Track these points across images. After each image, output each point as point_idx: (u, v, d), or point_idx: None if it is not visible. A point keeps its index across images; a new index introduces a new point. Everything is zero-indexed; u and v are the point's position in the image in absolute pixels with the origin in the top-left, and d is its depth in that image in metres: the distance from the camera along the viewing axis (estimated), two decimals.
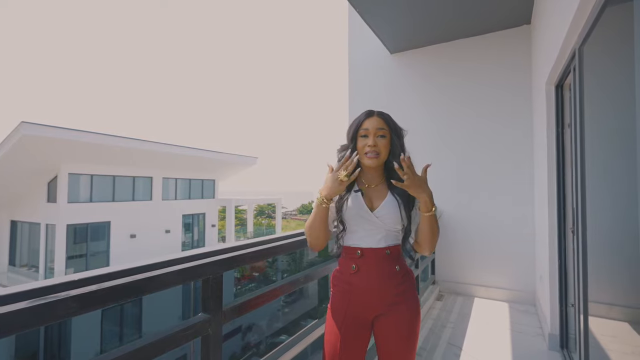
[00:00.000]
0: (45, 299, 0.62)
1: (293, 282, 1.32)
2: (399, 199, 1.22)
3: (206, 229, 18.40)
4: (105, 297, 0.70)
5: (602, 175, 1.72)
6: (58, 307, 0.63)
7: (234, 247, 1.12)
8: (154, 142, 14.84)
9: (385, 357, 1.21)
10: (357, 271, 1.21)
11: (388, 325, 1.20)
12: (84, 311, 0.67)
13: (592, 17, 1.55)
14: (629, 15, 1.14)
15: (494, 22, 3.69)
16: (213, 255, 1.01)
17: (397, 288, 1.21)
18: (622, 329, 1.66)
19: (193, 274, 0.91)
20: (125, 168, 14.91)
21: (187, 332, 0.90)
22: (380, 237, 1.22)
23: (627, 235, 1.37)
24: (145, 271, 0.83)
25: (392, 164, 1.20)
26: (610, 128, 1.66)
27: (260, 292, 1.18)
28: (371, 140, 1.21)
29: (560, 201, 2.53)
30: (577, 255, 1.98)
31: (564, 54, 2.08)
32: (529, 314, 3.28)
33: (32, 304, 0.60)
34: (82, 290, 0.67)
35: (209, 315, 0.96)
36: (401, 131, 1.30)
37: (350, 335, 1.19)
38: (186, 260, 0.94)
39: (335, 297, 1.25)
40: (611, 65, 1.62)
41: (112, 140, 13.26)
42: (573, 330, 2.37)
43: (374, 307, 1.20)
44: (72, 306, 0.65)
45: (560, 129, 2.56)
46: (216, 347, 0.97)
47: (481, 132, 3.87)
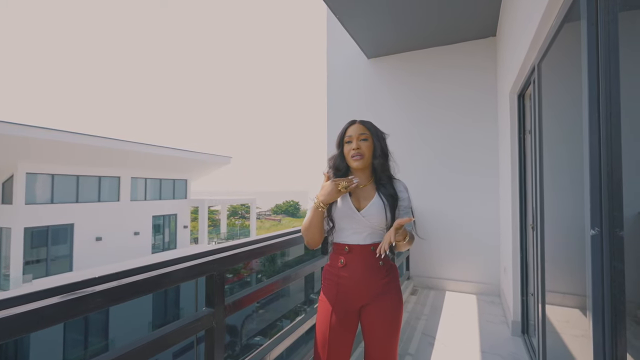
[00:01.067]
0: (74, 294, 0.67)
1: (286, 278, 1.40)
2: (385, 200, 1.35)
3: (178, 230, 17.88)
4: (126, 292, 0.76)
5: (558, 176, 1.94)
6: (87, 301, 0.68)
7: (235, 246, 1.18)
8: (122, 141, 14.21)
9: (371, 342, 1.34)
10: (344, 265, 1.33)
11: (374, 314, 1.33)
12: (109, 305, 0.73)
13: (548, 38, 1.76)
14: (579, 36, 1.33)
15: (463, 33, 3.94)
16: (216, 253, 1.07)
17: (382, 280, 1.35)
18: (573, 315, 1.89)
19: (200, 270, 0.97)
20: (90, 167, 14.17)
21: (195, 325, 0.96)
22: (366, 234, 1.34)
23: (578, 231, 1.57)
24: (158, 268, 0.89)
25: (379, 166, 1.38)
26: (564, 135, 1.88)
27: (258, 287, 1.26)
28: (354, 144, 1.36)
29: (522, 200, 2.78)
30: (536, 249, 2.21)
31: (525, 68, 2.31)
32: (494, 304, 3.55)
33: (64, 298, 0.65)
34: (106, 286, 0.73)
35: (213, 309, 1.02)
36: (382, 134, 1.46)
37: (339, 322, 1.30)
38: (192, 258, 1.00)
39: (325, 288, 1.36)
40: (565, 78, 1.83)
41: (75, 137, 12.55)
42: (532, 317, 2.62)
43: (361, 298, 1.33)
44: (98, 300, 0.70)
45: (522, 134, 2.81)
46: (220, 340, 1.04)
47: (452, 135, 4.13)
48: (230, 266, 1.07)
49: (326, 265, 1.41)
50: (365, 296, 1.33)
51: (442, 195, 4.13)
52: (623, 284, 1.13)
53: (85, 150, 13.07)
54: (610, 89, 1.15)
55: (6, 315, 0.57)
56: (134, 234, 15.55)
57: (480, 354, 2.51)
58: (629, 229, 1.12)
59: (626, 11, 1.16)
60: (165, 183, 17.60)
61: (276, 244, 1.32)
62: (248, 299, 1.19)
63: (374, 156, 1.39)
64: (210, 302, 1.04)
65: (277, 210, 62.65)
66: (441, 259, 4.10)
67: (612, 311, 1.15)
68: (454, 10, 3.43)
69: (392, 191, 1.39)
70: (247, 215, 44.67)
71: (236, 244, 1.19)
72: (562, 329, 1.99)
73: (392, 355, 1.34)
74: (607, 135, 1.16)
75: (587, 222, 1.25)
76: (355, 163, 1.35)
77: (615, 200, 1.14)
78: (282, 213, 61.26)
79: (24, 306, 0.61)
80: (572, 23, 1.48)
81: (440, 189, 4.14)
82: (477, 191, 3.96)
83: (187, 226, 18.31)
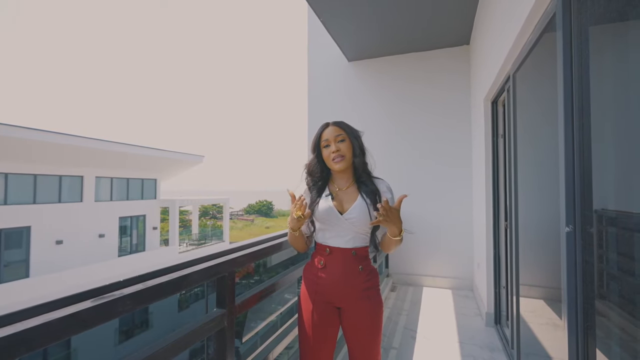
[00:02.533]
0: (105, 297, 0.68)
1: (285, 279, 1.43)
2: (368, 198, 1.35)
3: (147, 231, 17.13)
4: (152, 294, 0.76)
5: (530, 178, 2.11)
6: (118, 304, 0.68)
7: (243, 246, 1.20)
8: (85, 138, 13.35)
9: (353, 345, 1.35)
10: (324, 267, 1.33)
11: (354, 318, 1.33)
12: (136, 307, 0.73)
13: (523, 52, 1.92)
14: (552, 50, 1.48)
15: (438, 41, 4.14)
16: (227, 254, 1.09)
17: (362, 285, 1.34)
18: (538, 305, 2.07)
19: (215, 271, 0.99)
20: (49, 166, 13.23)
21: (208, 326, 0.98)
22: (349, 238, 1.34)
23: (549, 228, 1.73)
24: (174, 271, 0.89)
25: (359, 164, 1.39)
26: (537, 139, 2.05)
27: (262, 287, 1.28)
28: (333, 147, 1.35)
29: (495, 200, 2.98)
30: (511, 245, 2.39)
31: (500, 78, 2.48)
32: (468, 298, 3.77)
33: (96, 302, 0.65)
34: (134, 289, 0.73)
35: (225, 310, 1.04)
36: (357, 132, 1.45)
37: (320, 318, 1.31)
38: (203, 260, 1.01)
39: (305, 285, 1.37)
40: (537, 88, 2.00)
41: (32, 134, 11.65)
42: (504, 308, 2.82)
43: (339, 300, 1.33)
44: (127, 303, 0.71)
45: (495, 138, 3.01)
46: (231, 339, 1.05)
47: (428, 137, 4.32)
48: (240, 267, 1.09)
49: (307, 264, 1.42)
50: (344, 299, 1.33)
51: (419, 196, 4.31)
52: (593, 275, 1.27)
53: (44, 148, 12.19)
54: (582, 97, 1.29)
55: (49, 320, 0.56)
56: (99, 237, 14.72)
57: (458, 345, 2.67)
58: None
59: (595, 25, 1.29)
60: (133, 183, 16.79)
61: (281, 244, 1.35)
62: (254, 298, 1.21)
63: (354, 155, 1.38)
64: (221, 303, 1.05)
65: (249, 210, 61.71)
66: (418, 257, 4.28)
67: (584, 300, 1.29)
68: (430, 20, 3.60)
69: (373, 187, 1.39)
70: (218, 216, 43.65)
71: (244, 244, 1.21)
72: (529, 318, 2.17)
73: (374, 354, 1.35)
74: (580, 141, 1.30)
75: (563, 220, 1.38)
76: (337, 165, 1.35)
77: (586, 201, 1.28)
78: (255, 213, 60.45)
79: (62, 310, 0.61)
80: (546, 39, 1.63)
81: (418, 190, 4.32)
82: (451, 192, 4.17)
83: (156, 227, 17.60)
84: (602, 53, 1.25)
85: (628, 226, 1.11)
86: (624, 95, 1.14)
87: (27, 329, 0.53)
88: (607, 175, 1.23)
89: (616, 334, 1.21)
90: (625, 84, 1.13)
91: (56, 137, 12.31)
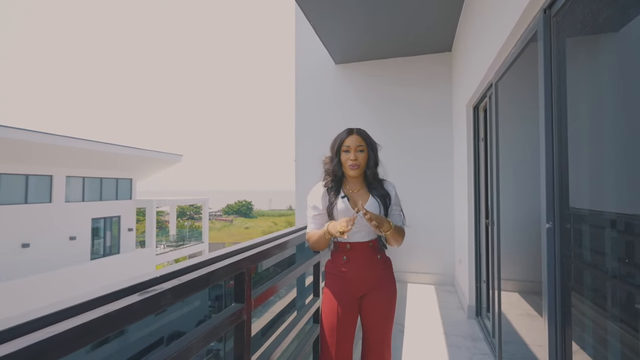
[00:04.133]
0: (148, 292, 0.72)
1: (294, 273, 1.50)
2: (379, 201, 1.55)
3: (122, 233, 16.51)
4: (187, 289, 0.81)
5: (511, 178, 2.28)
6: (161, 298, 0.73)
7: (260, 243, 1.26)
8: (54, 135, 12.69)
9: (369, 327, 1.52)
10: (347, 261, 1.50)
11: (372, 302, 1.52)
12: (175, 301, 0.78)
13: (506, 63, 2.07)
14: (533, 62, 1.62)
15: (422, 47, 4.32)
16: (245, 251, 1.14)
17: (380, 272, 1.55)
18: (514, 298, 2.25)
19: (235, 268, 1.04)
20: (15, 165, 12.49)
21: (229, 321, 1.03)
22: (365, 233, 1.52)
23: (529, 225, 1.88)
24: (200, 268, 0.94)
25: (371, 175, 1.58)
26: (516, 143, 2.22)
27: (272, 282, 1.34)
28: (352, 155, 1.52)
29: (477, 199, 3.17)
30: (492, 242, 2.56)
31: (483, 85, 2.65)
32: (450, 292, 3.96)
33: (143, 296, 0.70)
34: (172, 284, 0.78)
35: (243, 305, 1.09)
36: (376, 145, 1.65)
37: (344, 311, 1.46)
38: (224, 257, 1.06)
39: (329, 282, 1.51)
40: (518, 96, 2.17)
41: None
42: (485, 301, 3.01)
43: (362, 288, 1.51)
44: (168, 297, 0.75)
45: (476, 141, 3.19)
46: (249, 333, 1.11)
47: (413, 139, 4.49)
48: (257, 262, 1.15)
49: (328, 262, 1.56)
50: (365, 287, 1.51)
51: (404, 196, 4.44)
52: (570, 268, 1.42)
53: (9, 145, 11.50)
54: (560, 106, 1.44)
55: (108, 312, 0.60)
56: (70, 239, 14.05)
57: (444, 336, 2.82)
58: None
59: (573, 38, 1.44)
60: (107, 182, 16.14)
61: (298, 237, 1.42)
62: (268, 292, 1.27)
63: (368, 166, 1.57)
64: (240, 297, 1.10)
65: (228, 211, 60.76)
66: (402, 254, 4.44)
67: (562, 292, 1.44)
68: (415, 27, 3.77)
69: (383, 192, 1.60)
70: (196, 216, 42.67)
71: (261, 240, 1.27)
72: (506, 310, 2.34)
73: (387, 337, 1.54)
74: (558, 145, 1.45)
75: (543, 217, 1.53)
76: (352, 172, 1.53)
77: (564, 199, 1.43)
78: (234, 213, 59.59)
79: (117, 302, 0.65)
80: (527, 52, 1.79)
81: (403, 189, 4.45)
82: (435, 192, 4.36)
83: (132, 229, 17.00)
84: (578, 66, 1.40)
85: (599, 224, 1.26)
86: (595, 104, 1.29)
87: (92, 320, 0.57)
88: (581, 176, 1.38)
89: (589, 325, 1.36)
90: (596, 94, 1.28)
91: (23, 134, 11.65)
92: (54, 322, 0.53)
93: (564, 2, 1.36)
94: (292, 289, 1.86)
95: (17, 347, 0.46)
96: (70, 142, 13.15)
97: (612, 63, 1.19)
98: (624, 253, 1.09)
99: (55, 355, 0.50)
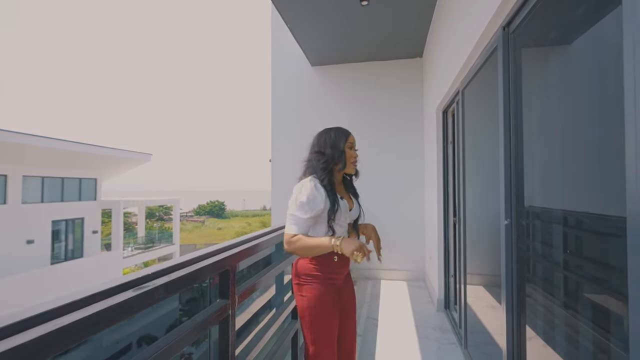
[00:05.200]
0: (143, 287, 0.76)
1: (274, 271, 1.56)
2: (358, 201, 1.69)
3: (85, 236, 15.64)
4: (178, 285, 0.86)
5: (475, 178, 2.45)
6: (154, 293, 0.77)
7: (243, 241, 1.30)
8: (9, 132, 11.81)
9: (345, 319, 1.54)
10: (338, 260, 1.45)
11: (347, 295, 1.59)
12: (167, 296, 0.82)
13: (471, 73, 2.25)
14: (495, 72, 1.78)
15: (395, 52, 4.50)
16: (230, 249, 1.19)
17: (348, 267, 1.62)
18: (479, 291, 2.43)
19: (220, 265, 1.09)
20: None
21: (215, 315, 1.08)
22: (345, 229, 1.60)
23: (490, 222, 2.06)
24: (187, 266, 0.98)
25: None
26: (481, 146, 2.40)
27: (254, 280, 1.39)
28: (354, 153, 1.62)
29: (446, 199, 3.36)
30: (459, 239, 2.74)
31: (451, 92, 2.83)
32: (421, 288, 4.16)
33: (137, 292, 0.74)
34: (164, 280, 0.82)
35: (228, 301, 1.14)
36: None
37: (336, 310, 1.46)
38: (209, 255, 1.11)
39: (322, 285, 1.41)
40: (481, 102, 2.35)
41: None
42: (452, 295, 3.20)
43: (344, 282, 1.58)
44: (161, 292, 0.79)
45: (445, 144, 3.39)
46: (233, 328, 1.16)
47: (386, 139, 4.66)
48: (241, 260, 1.20)
49: (317, 265, 1.43)
50: (346, 279, 1.59)
51: (376, 196, 4.63)
52: (525, 261, 1.58)
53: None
54: (516, 115, 1.60)
55: (108, 306, 0.64)
56: (27, 243, 13.14)
57: (415, 329, 2.98)
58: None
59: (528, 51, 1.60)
60: (69, 182, 15.23)
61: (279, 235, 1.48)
62: (250, 289, 1.32)
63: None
64: (224, 294, 1.15)
65: (200, 211, 59.19)
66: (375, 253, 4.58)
67: (517, 281, 1.60)
68: (389, 34, 3.93)
69: (355, 191, 1.74)
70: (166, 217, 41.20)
71: (243, 239, 1.31)
72: (472, 302, 2.52)
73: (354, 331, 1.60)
74: (515, 149, 1.61)
75: (502, 214, 1.69)
76: (353, 168, 1.61)
77: (519, 198, 1.59)
78: (206, 214, 58.14)
79: (115, 297, 0.68)
80: (489, 64, 1.95)
81: (375, 189, 4.63)
82: (406, 192, 4.56)
83: (97, 231, 16.17)
84: (532, 77, 1.56)
85: (549, 220, 1.42)
86: (546, 111, 1.45)
87: (93, 314, 0.61)
88: (535, 176, 1.54)
89: (540, 311, 1.53)
90: (547, 102, 1.44)
91: None
92: (59, 315, 0.57)
93: (520, 21, 1.51)
94: (271, 286, 1.91)
95: (27, 338, 0.49)
96: (27, 140, 12.30)
97: (563, 74, 1.34)
98: (570, 246, 1.25)
99: (63, 345, 0.54)
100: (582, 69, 1.17)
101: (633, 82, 0.76)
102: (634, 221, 0.75)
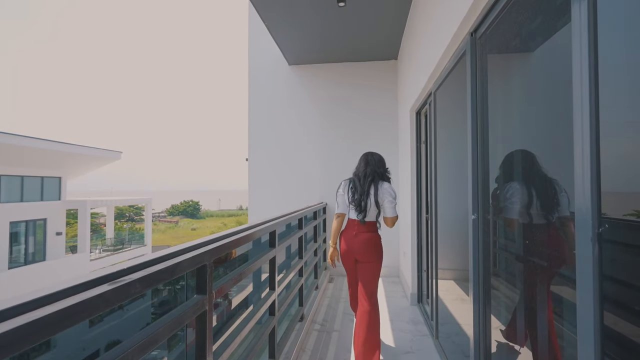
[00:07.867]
0: (119, 281, 0.76)
1: (252, 267, 1.57)
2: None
3: (48, 238, 14.75)
4: (155, 279, 0.85)
5: (445, 176, 2.57)
6: (131, 287, 0.77)
7: (222, 236, 1.31)
8: None
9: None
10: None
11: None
12: (144, 290, 0.82)
13: (442, 76, 2.35)
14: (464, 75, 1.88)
15: (370, 54, 4.60)
16: (208, 244, 1.19)
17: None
18: (450, 285, 2.55)
19: (198, 260, 1.09)
20: None
21: (192, 311, 1.08)
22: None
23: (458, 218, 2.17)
24: (165, 260, 0.98)
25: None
26: (451, 146, 2.51)
27: (231, 276, 1.40)
28: None
29: (419, 196, 3.48)
30: (431, 235, 2.85)
31: (424, 93, 2.94)
32: (396, 283, 4.28)
33: (113, 285, 0.73)
34: (140, 274, 0.82)
35: (205, 296, 1.15)
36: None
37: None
38: (188, 250, 1.11)
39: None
40: (451, 104, 2.46)
41: None
42: (425, 289, 3.33)
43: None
44: (137, 287, 0.79)
45: (418, 144, 3.51)
46: (210, 323, 1.17)
47: (361, 138, 4.75)
48: (218, 255, 1.20)
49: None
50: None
51: None
52: (489, 253, 1.69)
53: None
54: (482, 117, 1.70)
55: (84, 299, 0.63)
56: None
57: (389, 322, 3.08)
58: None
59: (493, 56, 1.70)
60: (30, 181, 14.30)
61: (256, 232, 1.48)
62: (227, 285, 1.32)
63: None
64: (201, 289, 1.15)
65: (173, 212, 57.42)
66: None
67: (483, 273, 1.70)
68: (365, 36, 4.01)
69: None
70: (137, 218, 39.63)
71: (221, 235, 1.31)
72: (443, 296, 2.64)
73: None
74: (481, 147, 1.71)
75: (470, 209, 1.79)
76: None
77: (485, 194, 1.70)
78: (180, 214, 56.47)
79: (91, 291, 0.67)
80: (458, 68, 2.06)
81: None
82: None
83: (61, 233, 15.28)
84: (497, 81, 1.67)
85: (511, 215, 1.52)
86: (509, 113, 1.56)
87: (68, 307, 0.61)
88: (496, 174, 1.65)
89: (503, 302, 1.64)
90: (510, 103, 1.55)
91: None
92: (32, 309, 0.56)
93: (486, 27, 1.61)
94: (249, 283, 1.92)
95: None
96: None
97: (526, 78, 1.45)
98: (526, 239, 1.35)
99: (38, 338, 0.53)
100: (543, 75, 1.27)
101: (580, 90, 0.85)
102: (581, 215, 0.84)
